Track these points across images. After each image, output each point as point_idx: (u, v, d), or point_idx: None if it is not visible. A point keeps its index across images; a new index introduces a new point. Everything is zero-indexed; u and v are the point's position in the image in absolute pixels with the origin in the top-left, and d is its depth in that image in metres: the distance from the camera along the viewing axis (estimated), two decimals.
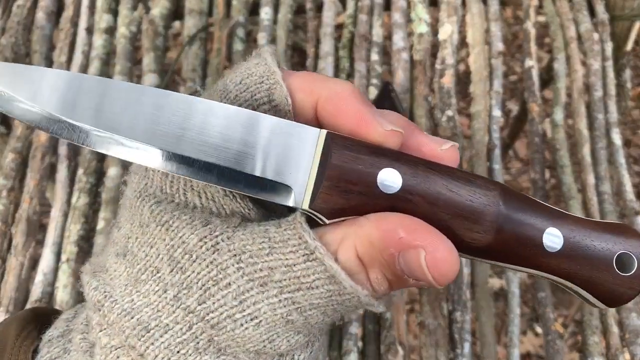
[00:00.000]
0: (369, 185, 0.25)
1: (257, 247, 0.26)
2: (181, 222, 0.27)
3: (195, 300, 0.26)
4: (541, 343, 1.28)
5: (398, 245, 0.25)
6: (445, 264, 0.25)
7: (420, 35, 0.89)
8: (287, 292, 0.26)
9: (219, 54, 0.88)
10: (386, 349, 0.66)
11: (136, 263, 0.27)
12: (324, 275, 0.26)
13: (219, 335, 0.26)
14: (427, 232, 0.25)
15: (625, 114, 1.38)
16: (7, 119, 0.94)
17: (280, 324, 0.26)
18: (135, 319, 0.26)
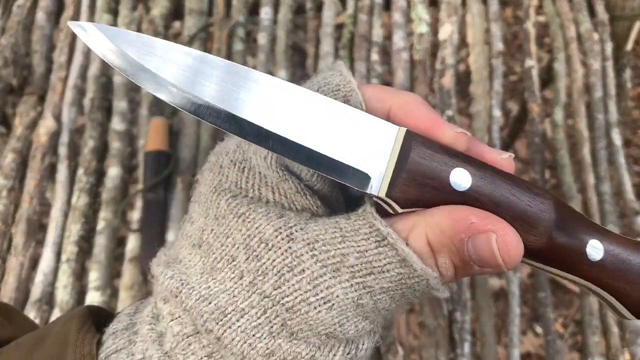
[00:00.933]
0: (443, 181, 0.28)
1: (330, 236, 0.28)
2: (257, 214, 0.28)
3: (270, 286, 0.27)
4: (541, 343, 1.28)
5: (469, 231, 0.27)
6: (515, 248, 0.27)
7: (420, 35, 0.89)
8: (359, 276, 0.28)
9: (219, 53, 0.88)
10: (386, 349, 0.66)
11: (212, 252, 0.29)
12: (395, 259, 0.27)
13: (292, 319, 0.28)
14: (497, 220, 0.27)
15: (625, 114, 1.38)
16: (7, 119, 0.94)
17: (351, 308, 0.28)
18: (213, 304, 0.28)
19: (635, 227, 0.78)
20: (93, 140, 0.83)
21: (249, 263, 0.28)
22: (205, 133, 0.83)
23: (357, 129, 0.28)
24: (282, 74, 0.88)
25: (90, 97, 0.86)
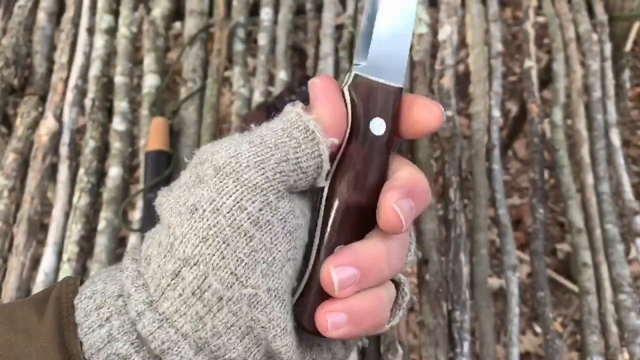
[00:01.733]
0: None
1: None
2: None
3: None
4: (540, 342, 1.29)
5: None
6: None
7: (420, 35, 0.89)
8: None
9: (220, 54, 0.89)
10: (386, 348, 0.66)
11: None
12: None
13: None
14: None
15: (624, 115, 1.38)
16: (9, 120, 0.94)
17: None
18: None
19: (634, 227, 0.78)
20: (94, 140, 0.83)
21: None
22: (206, 133, 0.83)
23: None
24: (282, 74, 0.88)
25: (91, 98, 0.86)
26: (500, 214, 0.79)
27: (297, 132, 0.32)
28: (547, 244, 1.38)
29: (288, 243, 0.32)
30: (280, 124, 0.33)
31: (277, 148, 0.32)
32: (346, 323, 0.32)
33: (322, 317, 0.32)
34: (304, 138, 0.32)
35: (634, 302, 0.72)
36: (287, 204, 0.32)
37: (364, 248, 0.33)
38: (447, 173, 0.79)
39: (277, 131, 0.32)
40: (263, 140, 0.32)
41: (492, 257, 1.32)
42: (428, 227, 0.75)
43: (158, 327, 0.31)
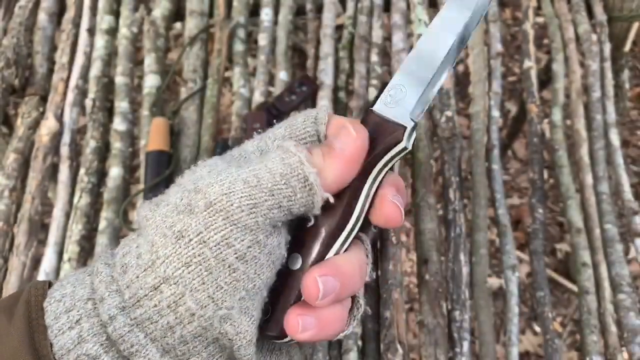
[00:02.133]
0: None
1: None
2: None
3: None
4: (540, 342, 1.29)
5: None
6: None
7: (419, 36, 0.89)
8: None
9: (220, 54, 0.89)
10: (386, 348, 0.67)
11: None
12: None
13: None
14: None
15: (624, 115, 1.39)
16: (9, 120, 0.94)
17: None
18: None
19: (633, 227, 0.79)
20: (95, 140, 0.84)
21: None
22: (207, 133, 0.83)
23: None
24: (282, 74, 0.89)
25: (91, 98, 0.86)
26: (499, 214, 0.79)
27: (296, 181, 0.33)
28: (547, 243, 1.38)
29: (270, 271, 0.33)
30: (280, 167, 0.33)
31: (271, 194, 0.32)
32: (314, 327, 0.34)
33: (294, 320, 0.34)
34: (301, 188, 0.33)
35: (633, 302, 0.72)
36: (275, 238, 0.33)
37: (345, 262, 0.35)
38: (446, 173, 0.79)
39: (275, 175, 0.32)
40: (259, 183, 0.32)
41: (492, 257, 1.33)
42: (428, 227, 0.75)
43: (128, 330, 0.32)
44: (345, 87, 0.88)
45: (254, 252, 0.32)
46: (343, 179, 0.34)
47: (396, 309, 0.68)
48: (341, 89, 0.87)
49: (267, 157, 0.34)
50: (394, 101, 0.36)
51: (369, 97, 0.85)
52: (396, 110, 0.36)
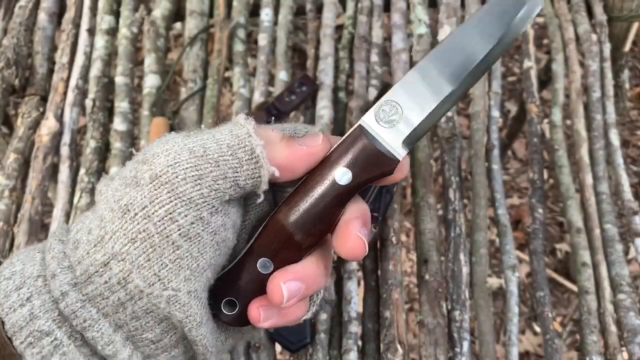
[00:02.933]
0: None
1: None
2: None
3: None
4: (540, 342, 1.29)
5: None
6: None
7: (419, 36, 0.89)
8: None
9: (220, 55, 0.89)
10: (385, 348, 0.67)
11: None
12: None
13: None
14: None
15: (624, 115, 1.39)
16: (10, 120, 0.94)
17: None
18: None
19: (633, 227, 0.79)
20: (95, 140, 0.84)
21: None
22: None
23: None
24: (282, 74, 0.89)
25: (91, 98, 0.86)
26: (499, 214, 0.79)
27: (242, 152, 0.32)
28: (547, 243, 1.39)
29: (214, 252, 0.33)
30: (228, 138, 0.33)
31: (217, 165, 0.32)
32: (275, 316, 0.35)
33: (256, 311, 0.35)
34: (248, 160, 0.32)
35: (633, 302, 0.72)
36: (220, 218, 0.33)
37: (310, 265, 0.35)
38: (446, 173, 0.79)
39: (222, 146, 0.32)
40: (205, 153, 0.32)
41: (492, 257, 1.33)
42: (428, 227, 0.75)
43: (81, 306, 0.32)
44: (345, 87, 0.88)
45: (197, 229, 0.32)
46: (291, 165, 0.34)
47: (396, 309, 0.68)
48: (341, 89, 0.87)
49: (217, 129, 0.34)
50: (388, 119, 0.34)
51: (369, 97, 0.85)
52: (389, 132, 0.34)
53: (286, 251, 0.35)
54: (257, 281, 0.35)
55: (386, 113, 0.34)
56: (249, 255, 0.35)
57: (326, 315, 0.70)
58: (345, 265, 0.73)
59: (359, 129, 0.34)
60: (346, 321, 0.70)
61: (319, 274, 0.36)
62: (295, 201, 0.34)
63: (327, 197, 0.34)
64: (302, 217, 0.34)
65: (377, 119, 0.34)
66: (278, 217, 0.35)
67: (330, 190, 0.34)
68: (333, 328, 0.70)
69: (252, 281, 0.35)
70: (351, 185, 0.34)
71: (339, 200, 0.34)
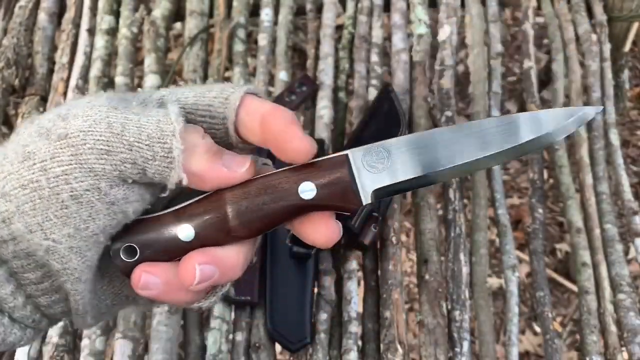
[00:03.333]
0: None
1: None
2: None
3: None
4: (540, 342, 1.29)
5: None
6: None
7: (419, 36, 0.90)
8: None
9: (220, 55, 0.89)
10: (386, 348, 0.67)
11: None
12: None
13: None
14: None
15: (624, 115, 1.39)
16: (10, 120, 0.94)
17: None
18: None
19: (633, 227, 0.79)
20: None
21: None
22: None
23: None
24: (282, 74, 0.89)
25: None
26: (499, 214, 0.79)
27: (159, 148, 0.32)
28: (547, 243, 1.38)
29: (110, 220, 0.33)
30: (152, 127, 0.32)
31: (130, 149, 0.31)
32: (158, 289, 0.34)
33: (139, 274, 0.33)
34: (162, 157, 0.32)
35: (633, 302, 0.72)
36: (122, 191, 0.32)
37: (231, 254, 0.34)
38: None
39: (142, 133, 0.32)
40: (122, 133, 0.31)
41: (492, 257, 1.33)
42: (428, 227, 0.75)
43: None
44: (345, 87, 0.88)
45: (90, 196, 0.31)
46: (202, 180, 0.33)
47: (396, 309, 0.68)
48: (341, 89, 0.87)
49: (146, 111, 0.33)
50: (373, 163, 0.34)
51: (369, 97, 0.85)
52: (368, 176, 0.34)
53: (215, 230, 0.33)
54: (170, 244, 0.34)
55: (375, 157, 0.34)
56: (175, 215, 0.34)
57: (326, 315, 0.70)
58: (345, 265, 0.73)
59: (345, 157, 0.34)
60: (346, 321, 0.70)
61: (237, 266, 0.34)
62: (246, 189, 0.34)
63: (282, 203, 0.33)
64: (249, 207, 0.33)
65: (363, 158, 0.34)
66: (225, 196, 0.33)
67: (288, 198, 0.33)
68: (333, 328, 0.70)
69: (165, 241, 0.34)
70: (310, 203, 0.33)
71: (292, 211, 0.34)
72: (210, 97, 0.35)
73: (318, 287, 0.72)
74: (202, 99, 0.35)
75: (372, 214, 0.71)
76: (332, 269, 0.72)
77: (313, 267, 0.72)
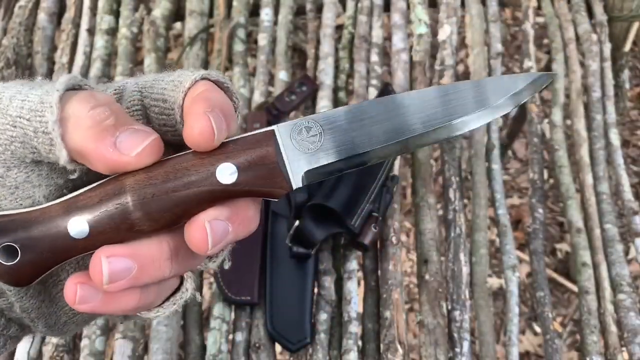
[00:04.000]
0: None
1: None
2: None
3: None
4: (540, 342, 1.29)
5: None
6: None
7: (419, 36, 0.90)
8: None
9: (220, 54, 0.89)
10: (386, 348, 0.67)
11: None
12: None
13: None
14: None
15: (624, 115, 1.39)
16: None
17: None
18: None
19: (633, 227, 0.79)
20: None
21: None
22: None
23: None
24: (282, 74, 0.89)
25: None
26: (499, 214, 0.79)
27: (38, 122, 0.28)
28: (547, 243, 1.38)
29: (16, 205, 0.29)
30: (35, 100, 0.28)
31: (14, 125, 0.28)
32: (97, 300, 0.29)
33: (72, 288, 0.29)
34: (43, 132, 0.28)
35: (633, 302, 0.72)
36: (23, 174, 0.29)
37: (147, 245, 0.29)
38: (446, 173, 0.79)
39: (25, 107, 0.28)
40: (7, 107, 0.28)
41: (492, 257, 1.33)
42: (428, 227, 0.75)
43: None
44: (345, 87, 0.88)
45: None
46: (87, 159, 0.28)
47: (396, 309, 0.68)
48: (341, 89, 0.87)
49: (42, 85, 0.29)
50: (304, 140, 0.30)
51: (369, 97, 0.85)
52: (298, 155, 0.30)
53: (113, 223, 0.28)
54: (59, 241, 0.28)
55: (304, 134, 0.30)
56: (62, 206, 0.28)
57: (326, 315, 0.70)
58: (345, 265, 0.73)
59: (270, 133, 0.29)
60: (346, 321, 0.70)
61: (161, 257, 0.29)
62: (152, 173, 0.28)
63: (196, 189, 0.28)
64: (155, 195, 0.28)
65: (292, 134, 0.30)
66: (125, 182, 0.28)
67: (204, 183, 0.28)
68: (333, 328, 0.70)
69: (53, 238, 0.28)
70: (230, 188, 0.28)
71: (208, 199, 0.28)
72: (167, 81, 0.31)
73: (318, 287, 0.72)
74: (160, 83, 0.31)
75: (372, 214, 0.71)
76: (332, 269, 0.72)
77: (313, 267, 0.72)
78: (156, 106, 0.31)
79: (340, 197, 0.70)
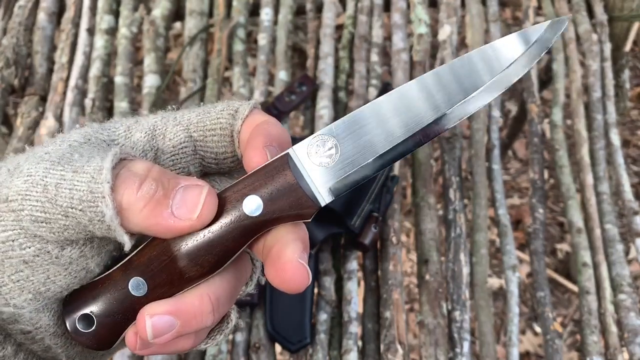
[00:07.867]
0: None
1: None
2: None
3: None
4: (540, 342, 1.29)
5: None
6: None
7: (419, 36, 0.89)
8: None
9: (220, 54, 0.89)
10: (386, 348, 0.67)
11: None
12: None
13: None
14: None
15: (624, 115, 1.38)
16: (9, 120, 0.94)
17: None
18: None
19: (633, 227, 0.78)
20: None
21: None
22: None
23: None
24: (282, 74, 0.89)
25: (91, 98, 0.86)
26: (500, 214, 0.79)
27: (93, 213, 0.28)
28: (547, 244, 1.38)
29: (71, 279, 0.30)
30: (84, 189, 0.28)
31: (66, 215, 0.28)
32: (155, 346, 0.31)
33: (133, 337, 0.31)
34: (99, 221, 0.28)
35: (633, 302, 0.72)
36: (77, 250, 0.30)
37: (188, 301, 0.30)
38: (447, 173, 0.79)
39: (74, 197, 0.28)
40: (56, 197, 0.28)
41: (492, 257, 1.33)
42: (428, 227, 0.75)
43: None
44: (345, 87, 0.88)
45: (42, 260, 0.29)
46: (151, 233, 0.29)
47: (396, 309, 0.68)
48: (341, 89, 0.87)
49: (88, 162, 0.29)
50: (320, 156, 0.30)
51: (369, 97, 0.85)
52: (317, 172, 0.30)
53: (165, 276, 0.30)
54: (125, 302, 0.30)
55: (320, 148, 0.30)
56: (121, 270, 0.30)
57: (326, 315, 0.70)
58: (345, 265, 0.73)
59: (286, 158, 0.30)
60: (346, 321, 0.69)
61: (203, 311, 0.30)
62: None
63: (228, 227, 0.29)
64: (192, 241, 0.29)
65: (308, 152, 0.30)
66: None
67: (234, 220, 0.29)
68: (333, 328, 0.70)
69: (120, 301, 0.30)
70: (260, 219, 0.29)
71: (242, 233, 0.29)
72: (217, 111, 0.32)
73: (318, 287, 0.72)
74: (208, 115, 0.32)
75: (372, 214, 0.70)
76: (332, 269, 0.72)
77: (313, 267, 0.72)
78: (214, 135, 0.32)
79: (340, 197, 0.70)
